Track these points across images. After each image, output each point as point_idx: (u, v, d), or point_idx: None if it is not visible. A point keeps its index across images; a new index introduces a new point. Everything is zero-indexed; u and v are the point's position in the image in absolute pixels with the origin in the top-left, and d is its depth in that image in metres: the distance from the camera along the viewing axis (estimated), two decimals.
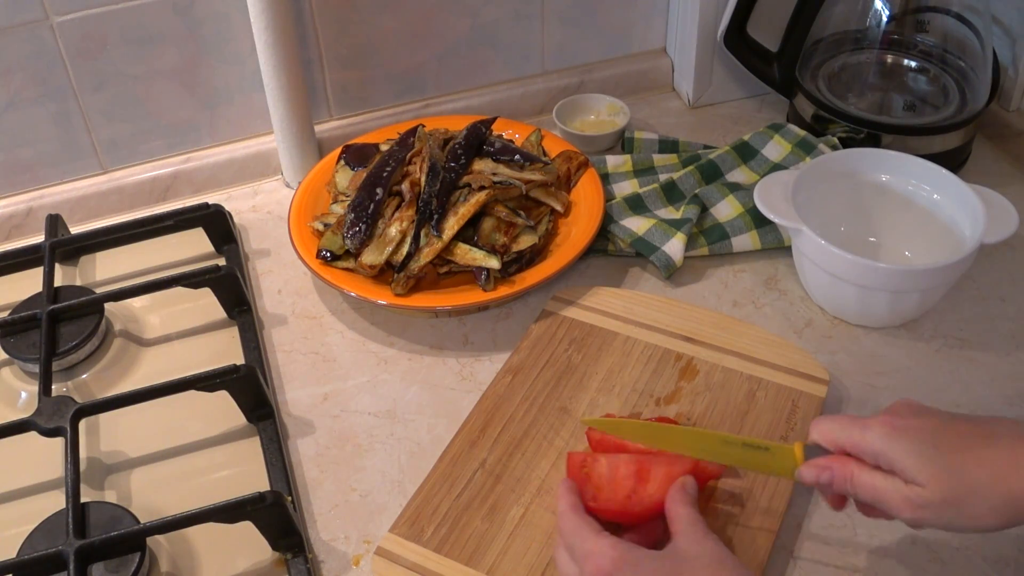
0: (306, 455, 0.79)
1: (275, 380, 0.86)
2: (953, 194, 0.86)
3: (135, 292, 0.89)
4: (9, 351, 0.86)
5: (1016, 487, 0.55)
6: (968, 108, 0.99)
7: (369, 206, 0.90)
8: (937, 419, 0.60)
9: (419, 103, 1.12)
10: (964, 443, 0.57)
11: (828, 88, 1.04)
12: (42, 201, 1.03)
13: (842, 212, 0.91)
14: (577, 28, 1.13)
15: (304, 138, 1.04)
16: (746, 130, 1.07)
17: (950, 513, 0.56)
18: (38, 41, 0.94)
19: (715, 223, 0.95)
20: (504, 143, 0.97)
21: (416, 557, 0.69)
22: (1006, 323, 0.87)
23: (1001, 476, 0.55)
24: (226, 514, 0.68)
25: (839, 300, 0.87)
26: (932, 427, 0.59)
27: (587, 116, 1.12)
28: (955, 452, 0.57)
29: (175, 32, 0.98)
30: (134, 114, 1.02)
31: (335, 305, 0.93)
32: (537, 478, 0.74)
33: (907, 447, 0.58)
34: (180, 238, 0.97)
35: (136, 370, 0.87)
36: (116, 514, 0.72)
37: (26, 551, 0.69)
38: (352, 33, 1.05)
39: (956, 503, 0.56)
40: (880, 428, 0.59)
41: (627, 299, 0.88)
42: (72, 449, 0.74)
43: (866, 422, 0.60)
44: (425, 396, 0.84)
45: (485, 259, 0.87)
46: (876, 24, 1.03)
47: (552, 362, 0.83)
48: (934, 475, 0.56)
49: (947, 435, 0.58)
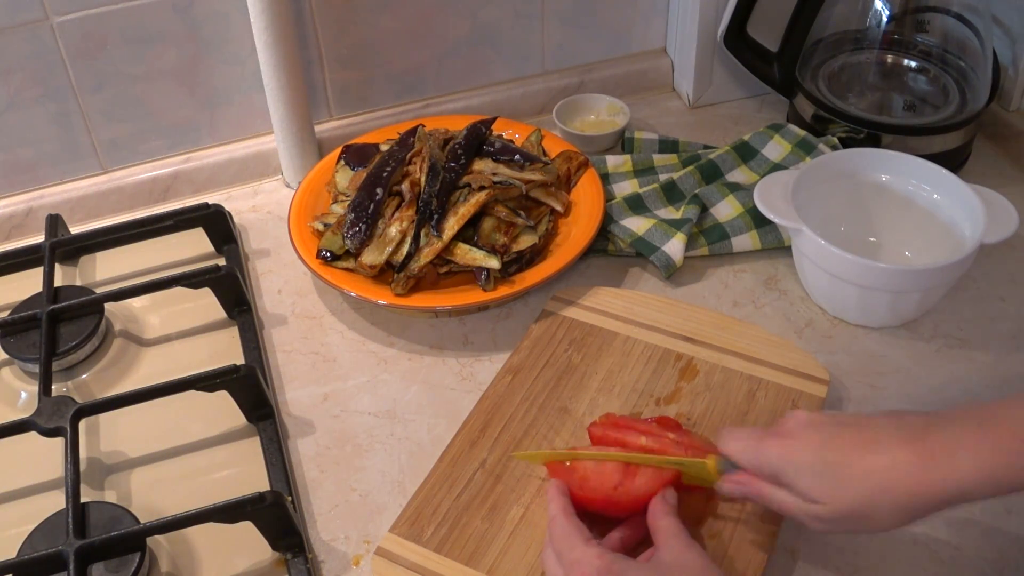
0: (306, 455, 0.79)
1: (275, 380, 0.86)
2: (953, 194, 0.86)
3: (135, 292, 0.89)
4: (9, 351, 0.86)
5: (902, 492, 0.56)
6: (968, 108, 0.99)
7: (369, 206, 0.90)
8: (825, 431, 0.60)
9: (419, 103, 1.12)
10: (849, 455, 0.58)
11: (828, 88, 1.04)
12: (42, 201, 1.03)
13: (842, 212, 0.91)
14: (577, 28, 1.13)
15: (304, 138, 1.04)
16: (746, 130, 1.07)
17: (851, 523, 0.58)
18: (38, 41, 0.94)
19: (715, 223, 0.95)
20: (504, 143, 0.97)
21: (416, 557, 0.69)
22: (1006, 323, 0.87)
23: (888, 483, 0.57)
24: (226, 514, 0.68)
25: (839, 300, 0.87)
26: (819, 441, 0.60)
27: (587, 116, 1.12)
28: (842, 466, 0.58)
29: (175, 32, 0.98)
30: (134, 114, 1.02)
31: (335, 305, 0.93)
32: (537, 478, 0.74)
33: (798, 467, 0.59)
34: (180, 238, 0.97)
35: (136, 370, 0.87)
36: (116, 514, 0.72)
37: (26, 551, 0.69)
38: (352, 33, 1.05)
39: (854, 515, 0.58)
40: (772, 449, 0.61)
41: (627, 299, 0.88)
42: (72, 449, 0.74)
43: (761, 443, 0.62)
44: (425, 396, 0.84)
45: (485, 259, 0.87)
46: (876, 24, 1.03)
47: (552, 362, 0.83)
48: (827, 492, 0.58)
49: (833, 448, 0.59)
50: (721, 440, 0.65)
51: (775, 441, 0.61)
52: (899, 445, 0.57)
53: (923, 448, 0.56)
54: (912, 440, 0.57)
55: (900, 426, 0.59)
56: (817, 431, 0.61)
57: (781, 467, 0.60)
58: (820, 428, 0.61)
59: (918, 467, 0.56)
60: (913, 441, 0.57)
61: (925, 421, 0.58)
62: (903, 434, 0.58)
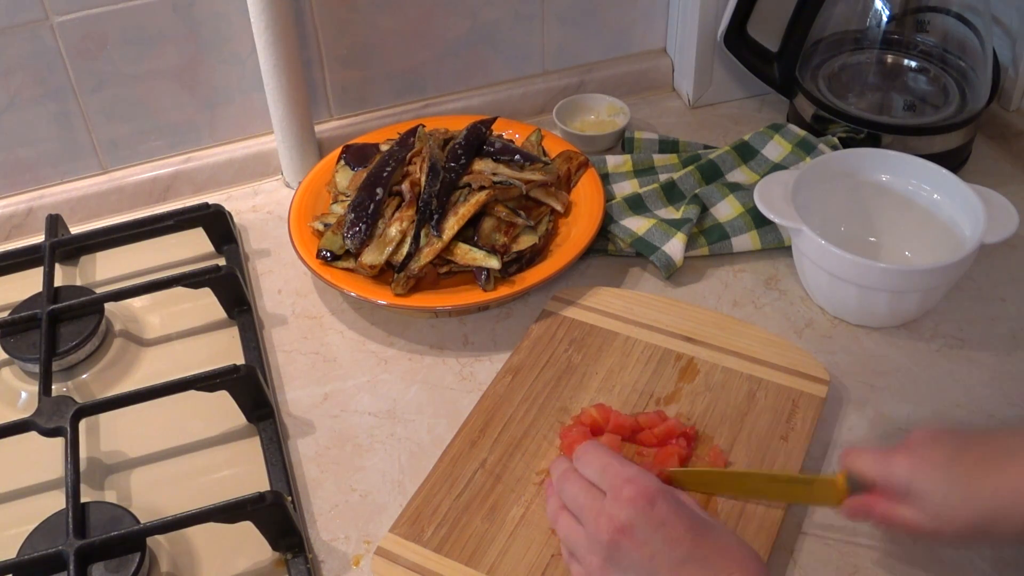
0: (306, 455, 0.79)
1: (275, 380, 0.86)
2: (953, 194, 0.86)
3: (135, 292, 0.89)
4: (9, 351, 0.86)
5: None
6: (968, 108, 0.99)
7: (369, 206, 0.90)
8: (954, 445, 0.61)
9: (419, 103, 1.12)
10: (982, 468, 0.59)
11: (828, 88, 1.04)
12: (42, 201, 1.03)
13: (842, 212, 0.91)
14: (577, 28, 1.13)
15: (304, 138, 1.04)
16: (746, 130, 1.07)
17: (979, 536, 0.59)
18: (38, 41, 0.94)
19: (715, 223, 0.95)
20: (504, 143, 0.96)
21: (416, 557, 0.69)
22: (1006, 323, 0.87)
23: (1017, 499, 0.57)
24: (226, 514, 0.68)
25: (839, 300, 0.87)
26: (950, 455, 0.60)
27: (587, 116, 1.12)
28: (975, 479, 0.58)
29: (175, 32, 0.98)
30: (134, 114, 1.02)
31: (335, 305, 0.93)
32: (537, 478, 0.74)
33: (930, 482, 0.60)
34: (180, 238, 0.97)
35: (136, 370, 0.87)
36: (116, 514, 0.72)
37: (26, 551, 0.69)
38: (352, 33, 1.05)
39: (984, 528, 0.58)
40: (903, 463, 0.61)
41: (627, 299, 0.88)
42: (72, 449, 0.74)
43: (890, 458, 0.62)
44: (425, 396, 0.84)
45: (485, 259, 0.87)
46: (876, 24, 1.03)
47: (552, 362, 0.83)
48: (959, 506, 0.58)
49: (965, 461, 0.60)
50: (849, 459, 0.65)
51: (903, 455, 0.62)
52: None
53: None
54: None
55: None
56: (944, 446, 0.61)
57: (912, 483, 0.60)
58: (947, 443, 0.61)
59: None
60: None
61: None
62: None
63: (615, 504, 0.59)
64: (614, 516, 0.58)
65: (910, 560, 0.69)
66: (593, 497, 0.61)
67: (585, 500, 0.61)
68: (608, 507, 0.59)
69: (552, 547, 0.69)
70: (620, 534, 0.58)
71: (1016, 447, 0.59)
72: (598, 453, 0.63)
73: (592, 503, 0.60)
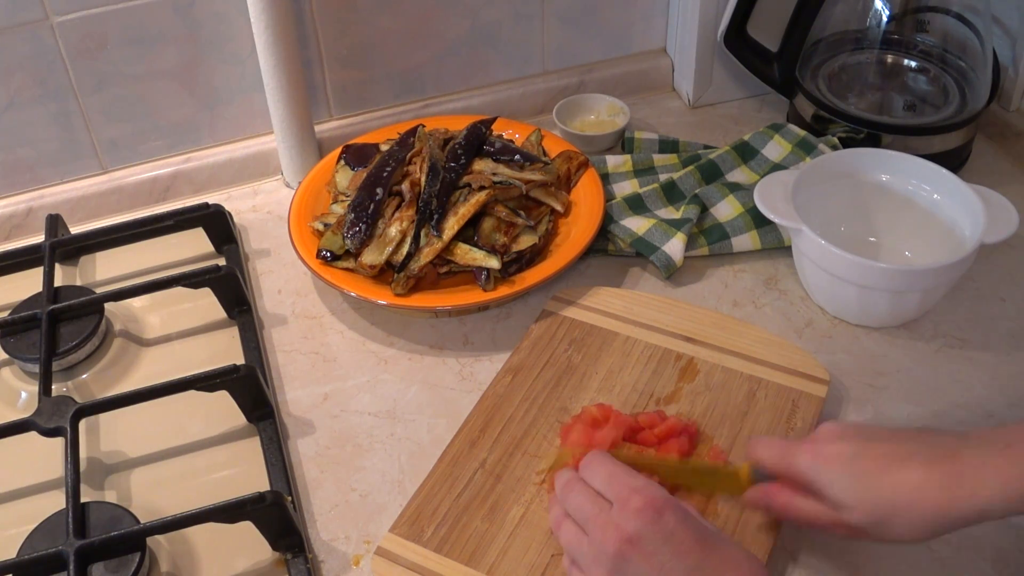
0: (306, 455, 0.79)
1: (275, 380, 0.86)
2: (953, 194, 0.86)
3: (135, 292, 0.89)
4: (9, 351, 0.86)
5: (928, 507, 0.58)
6: (968, 108, 0.99)
7: (369, 206, 0.90)
8: (858, 442, 0.62)
9: (419, 103, 1.12)
10: (881, 466, 0.60)
11: (828, 88, 1.04)
12: (42, 201, 1.03)
13: (842, 212, 0.91)
14: (577, 28, 1.13)
15: (304, 138, 1.04)
16: (746, 130, 1.07)
17: (876, 530, 0.60)
18: (38, 41, 0.94)
19: (715, 223, 0.95)
20: (504, 143, 0.97)
21: (416, 557, 0.69)
22: (1006, 323, 0.87)
23: (915, 498, 0.58)
24: (226, 514, 0.68)
25: (839, 300, 0.87)
26: (852, 452, 0.61)
27: (587, 116, 1.12)
28: (873, 476, 0.59)
29: (175, 32, 0.98)
30: (134, 114, 1.02)
31: (335, 305, 0.93)
32: (537, 478, 0.74)
33: (831, 475, 0.61)
34: (180, 238, 0.97)
35: (136, 370, 0.87)
36: (116, 514, 0.72)
37: (26, 551, 0.69)
38: (352, 33, 1.05)
39: (879, 524, 0.59)
40: (806, 457, 0.62)
41: (627, 299, 0.88)
42: (72, 449, 0.74)
43: (794, 450, 0.63)
44: (425, 396, 0.84)
45: (485, 259, 0.87)
46: (876, 24, 1.03)
47: (552, 362, 0.83)
48: (856, 500, 0.59)
49: (866, 459, 0.60)
50: (752, 448, 0.66)
51: (808, 448, 0.62)
52: (929, 464, 0.59)
53: (952, 469, 0.58)
54: (942, 460, 0.59)
55: (931, 444, 0.60)
56: (850, 442, 0.62)
57: (814, 473, 0.61)
58: (853, 440, 0.62)
59: (946, 486, 0.57)
60: (943, 461, 0.58)
61: (954, 442, 0.60)
62: (934, 453, 0.59)
63: (622, 514, 0.59)
64: (621, 527, 0.58)
65: (910, 561, 0.69)
66: (599, 507, 0.60)
67: (591, 510, 0.61)
68: (615, 517, 0.59)
69: (552, 547, 0.69)
70: (627, 545, 0.58)
71: (915, 451, 0.60)
72: (605, 463, 0.63)
73: (598, 513, 0.60)
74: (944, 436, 0.61)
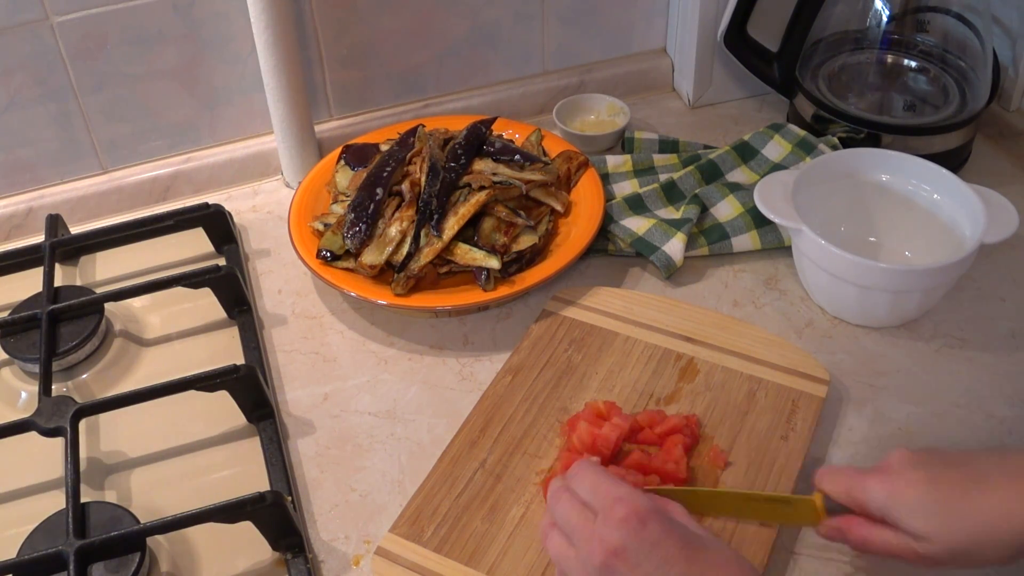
0: (306, 455, 0.79)
1: (275, 380, 0.86)
2: (953, 194, 0.86)
3: (135, 292, 0.89)
4: (9, 351, 0.86)
5: (1013, 530, 0.57)
6: (968, 108, 0.99)
7: (369, 206, 0.90)
8: (931, 468, 0.61)
9: (419, 103, 1.12)
10: (959, 492, 0.59)
11: (828, 88, 1.04)
12: (42, 201, 1.03)
13: (842, 212, 0.91)
14: (577, 28, 1.13)
15: (304, 138, 1.04)
16: (746, 130, 1.07)
17: (959, 559, 0.59)
18: (38, 41, 0.94)
19: (715, 223, 0.95)
20: (504, 143, 0.97)
21: (416, 557, 0.69)
22: (1006, 323, 0.87)
23: (997, 521, 0.57)
24: (226, 514, 0.68)
25: (839, 300, 0.87)
26: (926, 479, 0.60)
27: (587, 116, 1.12)
28: (952, 502, 0.58)
29: (175, 32, 0.98)
30: (134, 114, 1.02)
31: (335, 305, 0.93)
32: (537, 478, 0.74)
33: (907, 505, 0.59)
34: (180, 238, 0.97)
35: (136, 370, 0.87)
36: (116, 514, 0.72)
37: (26, 551, 0.69)
38: (352, 33, 1.05)
39: (962, 552, 0.58)
40: (879, 488, 0.61)
41: (627, 299, 0.88)
42: (72, 449, 0.74)
43: (866, 481, 0.62)
44: (425, 396, 0.84)
45: (485, 259, 0.87)
46: (876, 24, 1.03)
47: (552, 362, 0.83)
48: (936, 530, 0.58)
49: (942, 486, 0.59)
50: (821, 480, 0.65)
51: (880, 478, 0.61)
52: (1008, 484, 0.58)
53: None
54: (1019, 478, 0.58)
55: (1006, 463, 0.59)
56: (923, 469, 0.61)
57: (888, 505, 0.60)
58: (925, 466, 0.61)
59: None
60: (1021, 479, 0.58)
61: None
62: (1010, 471, 0.59)
63: (606, 525, 0.57)
64: (605, 538, 0.57)
65: None
66: (585, 519, 0.59)
67: (577, 521, 0.60)
68: (599, 529, 0.58)
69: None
70: (613, 557, 0.57)
71: (993, 470, 0.59)
72: (589, 472, 0.61)
73: (583, 525, 0.59)
74: (1017, 454, 0.60)
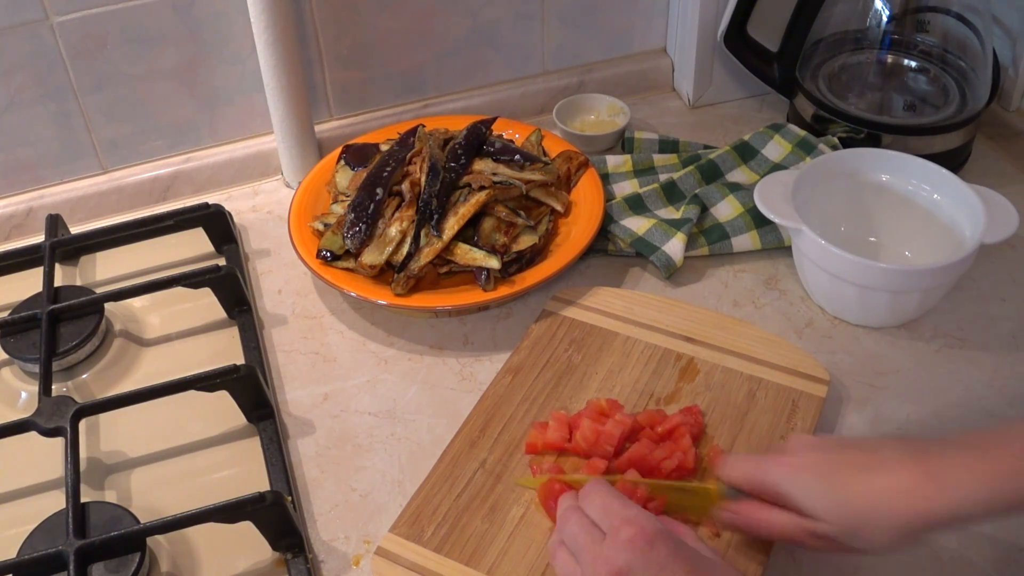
0: (306, 455, 0.79)
1: (275, 380, 0.86)
2: (953, 194, 0.86)
3: (135, 292, 0.89)
4: (9, 351, 0.86)
5: (904, 512, 0.57)
6: (968, 108, 0.99)
7: (369, 206, 0.90)
8: (829, 451, 0.62)
9: (419, 103, 1.12)
10: (852, 474, 0.60)
11: (828, 88, 1.04)
12: (42, 201, 1.03)
13: (842, 212, 0.91)
14: (577, 28, 1.13)
15: (304, 138, 1.04)
16: (746, 130, 1.07)
17: (849, 540, 0.59)
18: (38, 41, 0.94)
19: (715, 223, 0.95)
20: (504, 143, 0.96)
21: (416, 557, 0.69)
22: (1006, 323, 0.87)
23: (890, 502, 0.58)
24: (226, 514, 0.68)
25: (839, 300, 0.87)
26: (824, 460, 0.61)
27: (587, 116, 1.12)
28: (845, 485, 0.60)
29: (175, 32, 0.98)
30: (134, 114, 1.02)
31: (335, 305, 0.93)
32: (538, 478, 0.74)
33: (802, 486, 0.61)
34: (180, 238, 0.97)
35: (136, 370, 0.87)
36: (116, 514, 0.72)
37: (26, 551, 0.69)
38: (352, 33, 1.05)
39: (851, 531, 0.59)
40: (778, 468, 0.62)
41: (627, 299, 0.88)
42: (72, 449, 0.74)
43: (766, 465, 0.63)
44: (425, 396, 0.84)
45: (485, 259, 0.87)
46: (876, 24, 1.03)
47: (552, 362, 0.83)
48: (828, 509, 0.59)
49: (838, 467, 0.61)
50: (723, 467, 0.66)
51: (780, 460, 0.63)
52: (902, 467, 0.59)
53: (925, 470, 0.58)
54: (915, 463, 0.59)
55: (903, 449, 0.60)
56: (820, 451, 0.62)
57: (784, 485, 0.61)
58: (823, 449, 0.62)
59: (920, 489, 0.57)
60: (916, 463, 0.58)
61: (927, 445, 0.60)
62: (906, 456, 0.59)
63: (613, 546, 0.57)
64: (611, 559, 0.57)
65: (910, 561, 0.69)
66: (593, 538, 0.59)
67: (584, 540, 0.59)
68: (606, 550, 0.58)
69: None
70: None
71: (890, 455, 0.60)
72: (601, 492, 0.62)
73: (591, 544, 0.59)
74: (919, 441, 0.61)
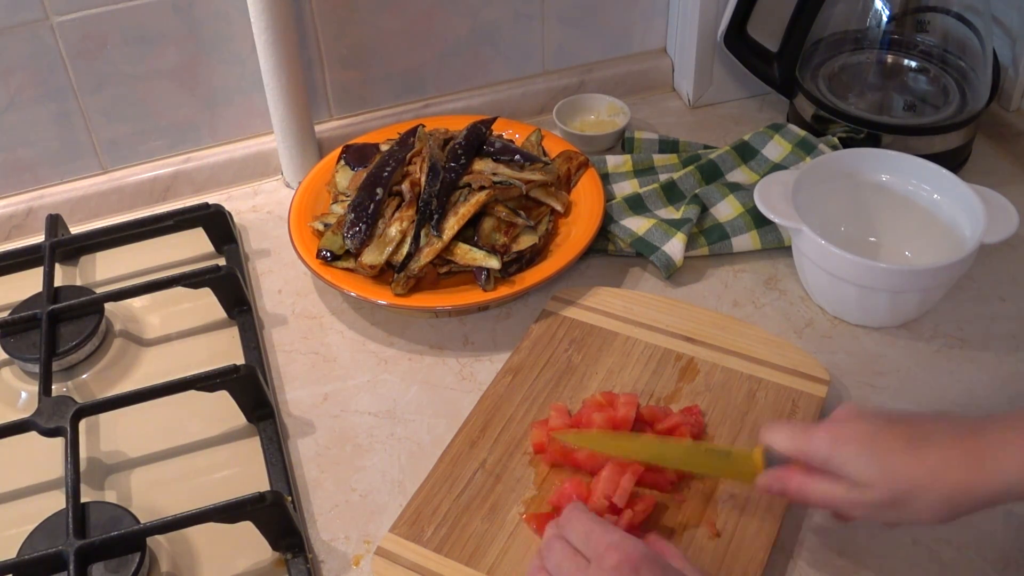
0: (306, 455, 0.79)
1: (275, 380, 0.86)
2: (953, 194, 0.86)
3: (135, 292, 0.89)
4: (9, 351, 0.86)
5: (949, 485, 0.58)
6: (968, 108, 0.99)
7: (369, 206, 0.90)
8: (877, 422, 0.62)
9: (419, 103, 1.12)
10: (902, 444, 0.60)
11: (828, 88, 1.04)
12: (42, 201, 1.03)
13: (842, 212, 0.91)
14: (577, 28, 1.13)
15: (304, 138, 1.04)
16: (746, 130, 1.07)
17: (894, 510, 0.59)
18: (38, 41, 0.94)
19: (715, 223, 0.95)
20: (504, 143, 0.97)
21: (416, 557, 0.69)
22: (1006, 323, 0.87)
23: (936, 475, 0.58)
24: (226, 514, 0.68)
25: (839, 300, 0.87)
26: (872, 431, 0.61)
27: (587, 116, 1.12)
28: (894, 453, 0.59)
29: (175, 32, 0.98)
30: (134, 114, 1.02)
31: (335, 305, 0.93)
32: (537, 479, 0.74)
33: (850, 452, 0.60)
34: (180, 238, 0.97)
35: (136, 370, 0.87)
36: (116, 514, 0.72)
37: (26, 551, 0.69)
38: (352, 33, 1.05)
39: (898, 502, 0.59)
40: (825, 436, 0.62)
41: (627, 299, 0.88)
42: (72, 449, 0.74)
43: (812, 430, 0.63)
44: (425, 396, 0.84)
45: (485, 259, 0.87)
46: (876, 24, 1.03)
47: (552, 362, 0.83)
48: (876, 477, 0.59)
49: (887, 438, 0.60)
50: (766, 434, 0.65)
51: (826, 428, 0.62)
52: (951, 442, 0.59)
53: (973, 446, 0.58)
54: (963, 438, 0.59)
55: (951, 425, 0.60)
56: (869, 422, 0.62)
57: (831, 452, 0.61)
58: (872, 420, 0.62)
59: (967, 463, 0.57)
60: (964, 439, 0.59)
61: (974, 422, 0.60)
62: (954, 432, 0.59)
63: (599, 573, 0.57)
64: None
65: (910, 561, 0.69)
66: (577, 565, 0.59)
67: (568, 569, 0.59)
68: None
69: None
70: None
71: (936, 430, 0.60)
72: (582, 519, 0.61)
73: (575, 572, 0.59)
74: (963, 418, 0.61)
